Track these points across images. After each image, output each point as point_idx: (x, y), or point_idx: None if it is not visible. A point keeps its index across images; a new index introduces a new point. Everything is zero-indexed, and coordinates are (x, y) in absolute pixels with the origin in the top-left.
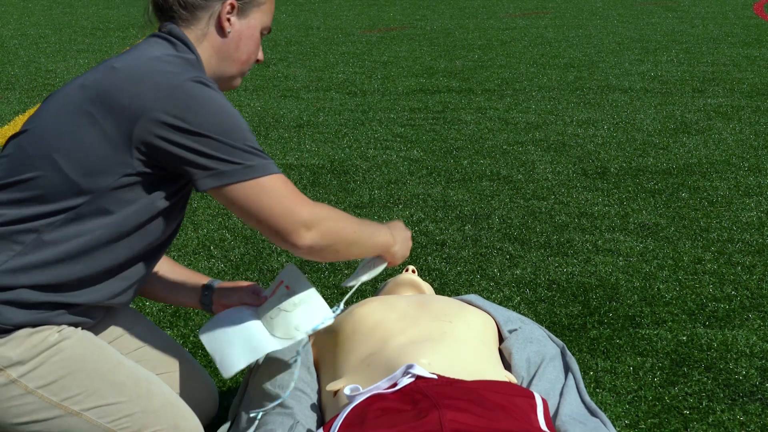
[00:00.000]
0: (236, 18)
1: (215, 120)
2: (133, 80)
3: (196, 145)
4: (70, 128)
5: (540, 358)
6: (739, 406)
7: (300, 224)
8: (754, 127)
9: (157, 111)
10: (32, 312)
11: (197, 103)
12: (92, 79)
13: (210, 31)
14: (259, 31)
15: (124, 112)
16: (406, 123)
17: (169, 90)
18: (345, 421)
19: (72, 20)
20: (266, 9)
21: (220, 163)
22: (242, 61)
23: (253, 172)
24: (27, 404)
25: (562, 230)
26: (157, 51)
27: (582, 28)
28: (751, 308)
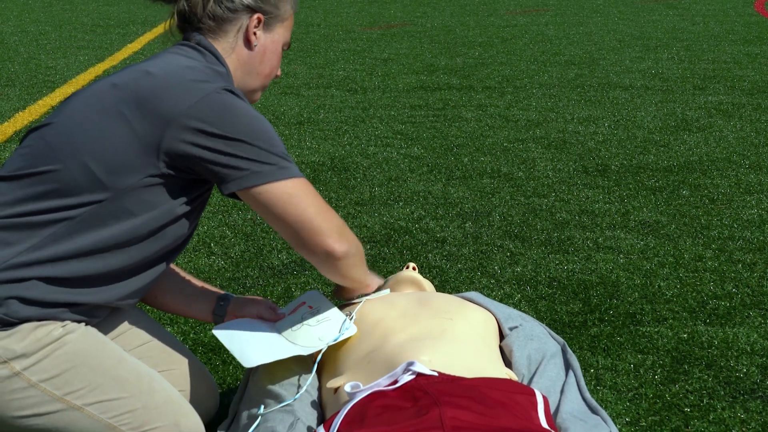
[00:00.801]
0: (262, 32)
1: (248, 126)
2: (168, 86)
3: (229, 149)
4: (99, 125)
5: (541, 355)
6: (739, 404)
7: (335, 229)
8: (755, 125)
9: (190, 117)
10: (38, 308)
11: (230, 111)
12: (126, 80)
13: (238, 44)
14: (281, 45)
15: (158, 116)
16: (406, 120)
17: (202, 98)
18: (345, 418)
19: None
20: (288, 25)
21: (254, 164)
22: (265, 74)
23: (287, 173)
24: (29, 397)
25: (562, 228)
26: (188, 60)
27: (583, 25)
28: (751, 306)
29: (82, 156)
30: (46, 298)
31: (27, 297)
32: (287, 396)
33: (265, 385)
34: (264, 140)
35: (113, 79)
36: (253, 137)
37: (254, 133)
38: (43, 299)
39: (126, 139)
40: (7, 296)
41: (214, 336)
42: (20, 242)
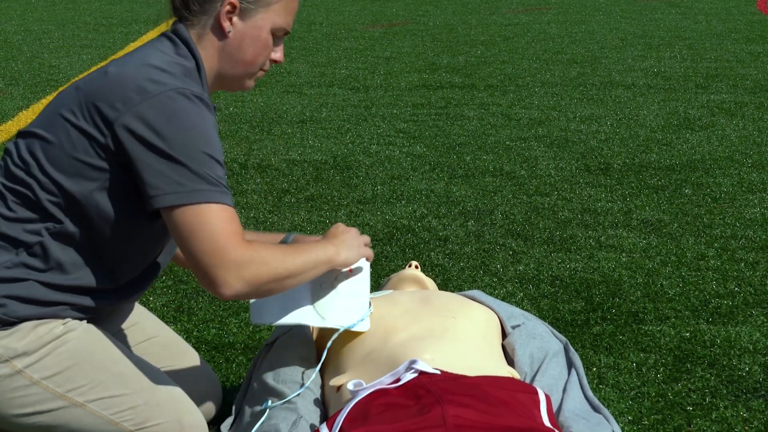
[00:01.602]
0: (238, 18)
1: (180, 139)
2: (117, 85)
3: (152, 161)
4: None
5: (543, 354)
6: (742, 403)
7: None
8: (758, 124)
9: (131, 117)
10: (38, 307)
11: (172, 117)
12: (87, 80)
13: (210, 30)
14: (268, 31)
15: (103, 116)
16: (409, 119)
17: (149, 98)
18: (348, 416)
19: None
20: (278, 9)
21: (166, 184)
22: (246, 61)
23: (195, 196)
24: (31, 395)
25: (565, 226)
26: (155, 55)
27: (585, 24)
28: (754, 305)
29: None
30: (46, 298)
31: (26, 296)
32: (290, 393)
33: (269, 383)
34: (192, 159)
35: (79, 81)
36: (181, 152)
37: (185, 149)
38: (43, 299)
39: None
40: (5, 295)
41: (218, 334)
42: (13, 248)
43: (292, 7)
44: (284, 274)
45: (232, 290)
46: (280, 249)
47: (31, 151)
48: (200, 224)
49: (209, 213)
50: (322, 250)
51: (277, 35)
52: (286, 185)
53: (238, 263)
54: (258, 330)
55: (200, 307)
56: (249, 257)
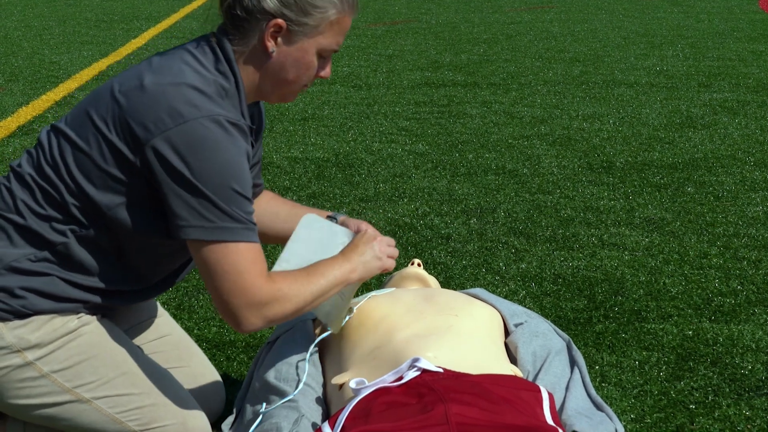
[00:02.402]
0: (283, 39)
1: (209, 171)
2: (151, 105)
3: (180, 190)
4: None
5: (546, 352)
6: (745, 401)
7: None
8: (760, 122)
9: (161, 140)
10: (56, 302)
11: (202, 148)
12: (123, 88)
13: (254, 48)
14: (314, 53)
15: (134, 135)
16: (411, 116)
17: (181, 124)
18: (350, 414)
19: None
20: (326, 32)
21: (193, 217)
22: (288, 81)
23: (221, 234)
24: (39, 387)
25: (567, 224)
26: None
27: (587, 22)
28: (757, 303)
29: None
30: (65, 294)
31: (45, 291)
32: (291, 392)
33: (270, 381)
34: (219, 194)
35: (117, 85)
36: (209, 186)
37: (213, 182)
38: (62, 294)
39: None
40: (25, 288)
41: (219, 332)
42: (39, 243)
43: (343, 27)
44: (303, 306)
45: (254, 327)
46: (301, 277)
47: (62, 154)
48: (225, 263)
49: (235, 252)
50: (339, 270)
51: (323, 55)
52: (288, 183)
53: (262, 303)
54: None
55: (201, 305)
56: (272, 296)
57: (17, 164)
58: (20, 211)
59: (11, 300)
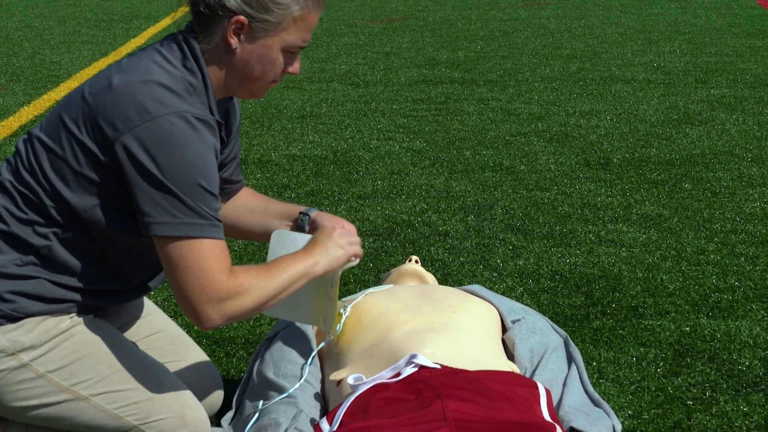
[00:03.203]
0: (245, 36)
1: (176, 168)
2: (119, 103)
3: (146, 187)
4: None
5: (543, 348)
6: (742, 397)
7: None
8: (758, 118)
9: (129, 137)
10: (46, 304)
11: (168, 140)
12: (92, 90)
13: (218, 47)
14: (278, 50)
15: (104, 134)
16: (408, 114)
17: (149, 121)
18: (348, 410)
19: (76, 12)
20: (290, 29)
21: (159, 214)
22: (254, 77)
23: (186, 229)
24: (37, 387)
25: (564, 221)
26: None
27: (584, 18)
28: (754, 299)
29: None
30: (54, 295)
31: (34, 294)
32: (290, 388)
33: (269, 377)
34: (185, 190)
35: (88, 87)
36: (175, 182)
37: (179, 179)
38: (51, 296)
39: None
40: (14, 292)
41: (219, 329)
42: (23, 247)
43: (308, 24)
44: (264, 300)
45: (213, 324)
46: (262, 272)
47: (38, 159)
48: (187, 259)
49: (198, 248)
50: (301, 263)
51: (290, 51)
52: (286, 180)
53: (221, 299)
54: (258, 325)
55: None
56: (232, 292)
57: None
58: (3, 217)
59: (1, 305)
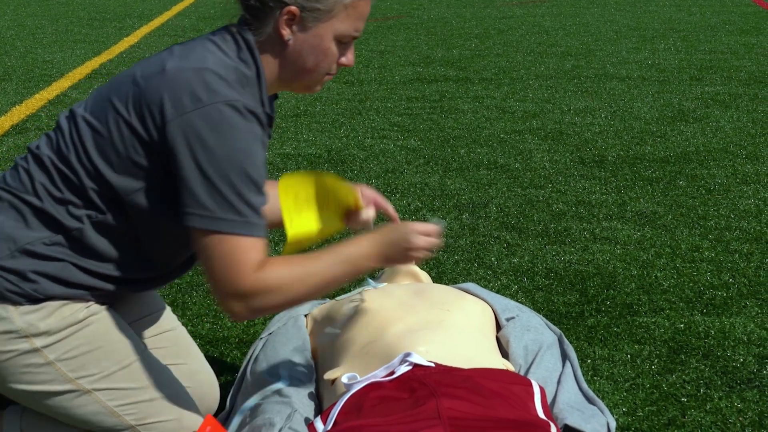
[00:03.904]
0: (297, 27)
1: (223, 156)
2: (172, 88)
3: (190, 174)
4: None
5: (537, 346)
6: (736, 393)
7: (230, 294)
8: (752, 115)
9: (179, 123)
10: (67, 288)
11: (217, 130)
12: (144, 72)
13: (271, 38)
14: (331, 39)
15: (154, 118)
16: (403, 112)
17: (200, 108)
18: (342, 409)
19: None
20: (342, 17)
21: (196, 206)
22: (308, 69)
23: (220, 224)
24: (43, 374)
25: (559, 219)
26: (216, 56)
27: (579, 16)
28: (748, 296)
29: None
30: (77, 280)
31: (58, 276)
32: (284, 387)
33: (263, 377)
34: (228, 182)
35: (139, 71)
36: (219, 172)
37: (225, 169)
38: (74, 280)
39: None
40: (38, 272)
41: (213, 329)
42: (54, 227)
43: (359, 12)
44: (296, 296)
45: (239, 317)
46: (300, 265)
47: (81, 138)
48: (218, 252)
49: (229, 243)
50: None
51: (343, 41)
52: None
53: (247, 294)
54: (252, 324)
55: (194, 301)
56: (259, 289)
57: (35, 146)
58: (38, 193)
59: (23, 283)
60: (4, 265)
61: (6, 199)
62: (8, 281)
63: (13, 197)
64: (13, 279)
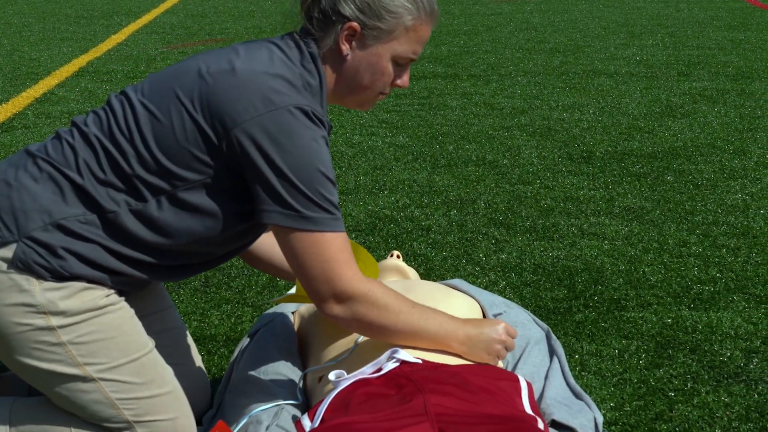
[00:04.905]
0: (357, 43)
1: (298, 157)
2: (243, 90)
3: (268, 175)
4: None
5: (525, 341)
6: (723, 388)
7: (331, 295)
8: (739, 110)
9: (252, 125)
10: (94, 270)
11: (290, 135)
12: (213, 71)
13: (330, 50)
14: (388, 59)
15: (222, 119)
16: (391, 109)
17: (272, 111)
18: (330, 406)
19: (56, 8)
20: (402, 39)
21: (280, 204)
22: (363, 86)
23: (307, 223)
24: (53, 354)
25: (547, 214)
26: (283, 62)
27: (567, 12)
28: (735, 290)
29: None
30: (104, 263)
31: (86, 256)
32: (271, 385)
33: (250, 375)
34: (305, 178)
35: (204, 66)
36: (294, 170)
37: (301, 169)
38: (101, 263)
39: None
40: (68, 249)
41: (200, 327)
42: (90, 206)
43: (419, 36)
44: (392, 328)
45: (336, 316)
46: (406, 301)
47: (138, 123)
48: (312, 252)
49: (321, 241)
50: (448, 324)
51: (400, 63)
52: None
53: (351, 297)
54: (240, 322)
55: (182, 299)
56: (362, 292)
57: (83, 122)
58: (80, 170)
59: (52, 258)
60: (36, 237)
61: (46, 171)
62: (38, 254)
63: (54, 170)
64: (42, 252)
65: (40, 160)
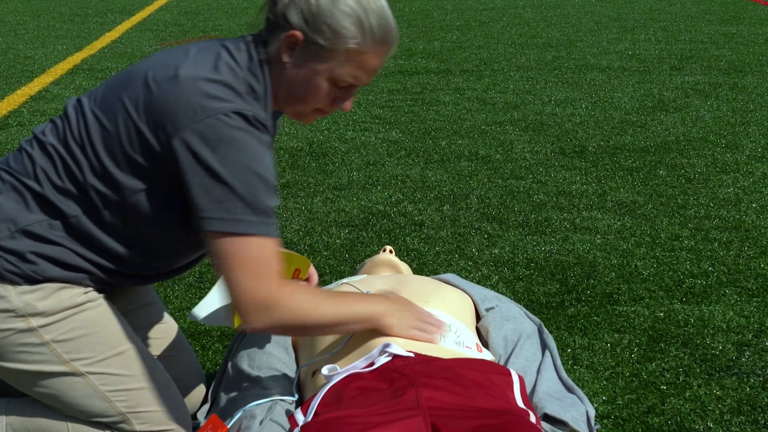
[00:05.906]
0: (298, 53)
1: (234, 161)
2: (182, 98)
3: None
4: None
5: (517, 335)
6: (715, 381)
7: (252, 305)
8: (732, 104)
9: (189, 132)
10: (66, 271)
11: (227, 138)
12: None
13: (275, 56)
14: (325, 78)
15: (163, 126)
16: (384, 104)
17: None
18: (323, 400)
19: (50, 6)
20: (343, 61)
21: (213, 209)
22: (297, 99)
23: (236, 225)
24: (38, 354)
25: (540, 209)
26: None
27: (560, 7)
28: (727, 284)
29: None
30: (75, 263)
31: (56, 258)
32: (265, 380)
33: (244, 369)
34: (242, 184)
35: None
36: (233, 177)
37: (237, 173)
38: (72, 263)
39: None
40: (37, 253)
41: (193, 322)
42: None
43: (363, 62)
44: (311, 324)
45: (253, 327)
46: (320, 295)
47: (89, 132)
48: (237, 256)
49: (248, 246)
50: (369, 306)
51: (339, 85)
52: None
53: (264, 304)
54: None
55: (176, 295)
56: (278, 299)
57: (41, 132)
58: (39, 179)
59: (22, 264)
60: (3, 245)
61: (8, 181)
62: (7, 261)
63: (15, 180)
64: (12, 259)
65: (2, 172)
